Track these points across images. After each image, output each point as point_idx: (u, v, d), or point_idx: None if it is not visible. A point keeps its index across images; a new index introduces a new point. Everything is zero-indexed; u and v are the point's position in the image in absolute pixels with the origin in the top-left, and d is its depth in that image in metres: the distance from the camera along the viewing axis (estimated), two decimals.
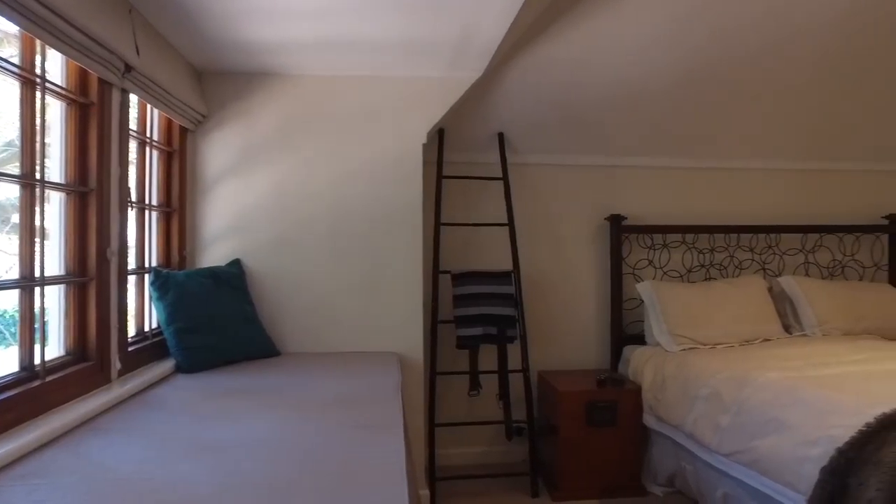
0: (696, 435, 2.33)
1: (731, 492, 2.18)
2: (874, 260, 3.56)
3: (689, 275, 3.33)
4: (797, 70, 2.98)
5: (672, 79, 2.90)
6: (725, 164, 3.40)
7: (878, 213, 3.58)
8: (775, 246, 3.45)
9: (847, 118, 3.30)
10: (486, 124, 3.06)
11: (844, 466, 1.54)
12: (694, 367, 2.54)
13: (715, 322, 2.95)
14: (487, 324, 2.84)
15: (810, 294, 3.15)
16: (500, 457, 3.19)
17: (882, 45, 2.93)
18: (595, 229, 3.28)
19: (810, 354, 2.54)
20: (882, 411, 1.62)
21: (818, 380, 2.10)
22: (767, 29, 2.74)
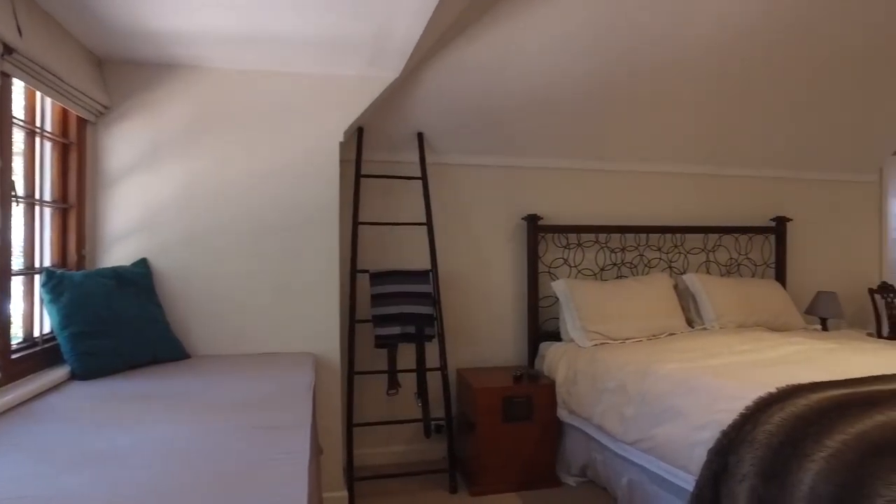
0: (604, 426, 2.44)
1: (636, 478, 2.30)
2: (764, 258, 3.86)
3: (602, 273, 3.48)
4: (695, 83, 3.19)
5: (584, 86, 3.04)
6: (635, 168, 3.58)
7: (767, 215, 3.89)
8: (680, 245, 3.67)
9: (739, 128, 3.57)
10: (405, 124, 3.07)
11: (726, 446, 1.66)
12: (603, 361, 2.66)
13: (625, 318, 3.10)
14: (405, 323, 2.85)
15: (710, 290, 3.37)
16: (420, 455, 3.21)
17: (769, 63, 3.20)
18: (512, 229, 3.37)
19: (707, 346, 2.72)
20: (759, 395, 1.77)
21: (711, 369, 2.25)
22: (668, 45, 2.93)
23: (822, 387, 1.79)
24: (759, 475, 1.54)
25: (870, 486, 1.28)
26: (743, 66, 3.20)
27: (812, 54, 3.23)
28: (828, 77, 3.40)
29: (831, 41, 3.17)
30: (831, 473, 1.36)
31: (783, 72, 3.29)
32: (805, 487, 1.40)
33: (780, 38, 3.08)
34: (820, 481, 1.37)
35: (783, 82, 3.36)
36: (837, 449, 1.40)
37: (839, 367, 2.18)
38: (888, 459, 1.31)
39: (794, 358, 2.41)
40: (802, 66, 3.29)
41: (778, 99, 3.46)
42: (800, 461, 1.46)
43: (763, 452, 1.55)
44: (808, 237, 4.08)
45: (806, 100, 3.52)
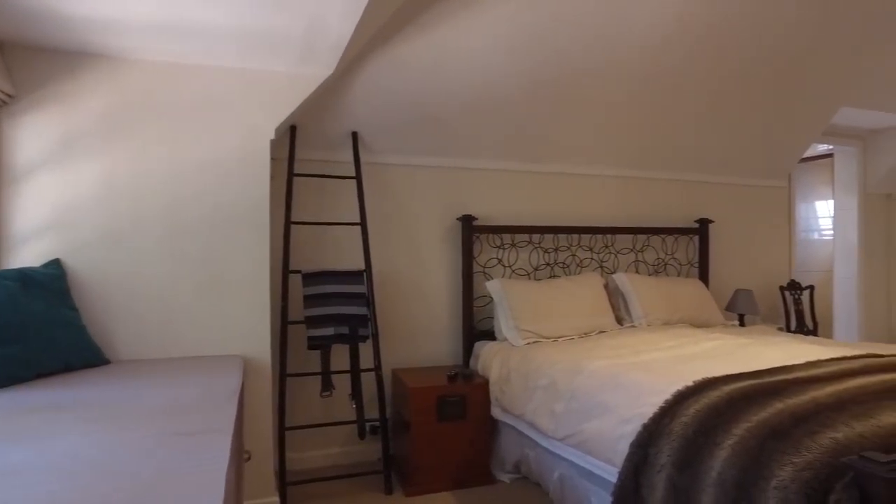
0: (536, 423, 2.49)
1: (566, 472, 2.36)
2: (688, 258, 4.05)
3: (536, 273, 3.56)
4: (625, 88, 3.32)
5: (518, 88, 3.09)
6: (568, 170, 3.68)
7: (691, 217, 4.09)
8: (611, 246, 3.79)
9: (666, 134, 3.73)
10: (340, 122, 3.03)
11: (646, 439, 1.73)
12: (535, 359, 2.71)
13: (557, 317, 3.17)
14: (339, 323, 2.81)
15: (638, 289, 3.51)
16: (356, 457, 3.18)
17: (689, 74, 3.37)
18: (447, 229, 3.38)
19: (634, 343, 2.82)
20: (678, 389, 1.85)
21: (637, 365, 2.34)
22: (600, 50, 3.03)
23: (733, 379, 1.89)
24: (674, 465, 1.61)
25: (767, 467, 1.36)
26: (667, 75, 3.36)
27: (727, 68, 3.43)
28: (742, 91, 3.62)
29: (744, 58, 3.38)
30: (735, 459, 1.44)
31: (702, 83, 3.48)
32: (714, 474, 1.48)
33: (696, 52, 3.26)
34: (726, 467, 1.45)
35: (704, 93, 3.55)
36: (742, 436, 1.49)
37: (751, 360, 2.31)
38: (782, 442, 1.40)
39: (713, 353, 2.53)
40: (719, 78, 3.49)
41: (700, 108, 3.64)
42: (710, 449, 1.53)
43: (679, 443, 1.63)
44: (727, 238, 4.31)
45: (725, 110, 3.72)
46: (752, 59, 3.43)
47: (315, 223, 3.03)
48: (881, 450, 1.34)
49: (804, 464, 1.32)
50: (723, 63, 3.40)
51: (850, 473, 1.24)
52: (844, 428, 1.45)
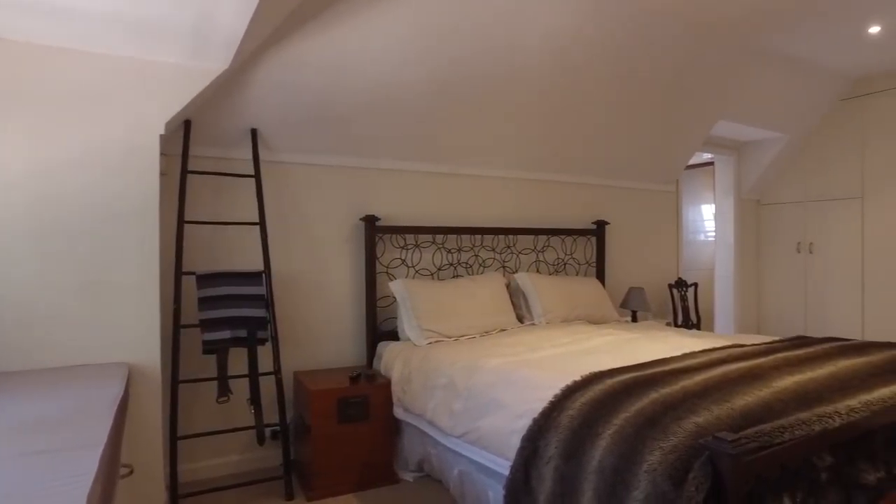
0: (436, 421, 2.52)
1: (465, 469, 2.41)
2: (586, 258, 4.26)
3: (439, 273, 3.60)
4: (527, 93, 3.45)
5: (423, 90, 3.13)
6: (471, 172, 3.76)
7: (589, 218, 4.30)
8: (513, 246, 3.92)
9: (566, 139, 3.91)
10: (238, 119, 2.93)
11: (536, 432, 1.81)
12: (436, 358, 2.75)
13: (459, 316, 3.23)
14: (236, 326, 2.72)
15: (539, 288, 3.64)
16: (256, 463, 3.08)
17: (590, 83, 3.56)
18: (350, 229, 3.36)
19: (532, 340, 2.93)
20: (567, 383, 1.94)
21: (532, 362, 2.43)
22: (501, 56, 3.13)
23: (618, 372, 2.02)
24: (561, 456, 1.69)
25: (640, 453, 1.47)
26: (565, 85, 3.53)
27: (619, 81, 3.66)
28: (633, 102, 3.87)
29: (633, 72, 3.62)
30: (614, 447, 1.54)
31: (597, 94, 3.69)
32: (595, 462, 1.57)
33: (591, 65, 3.46)
34: (606, 455, 1.55)
35: (599, 103, 3.76)
36: (620, 426, 1.59)
37: (636, 354, 2.48)
38: (654, 429, 1.52)
39: (604, 348, 2.69)
40: (612, 90, 3.71)
41: (596, 116, 3.85)
42: (592, 440, 1.63)
43: (565, 435, 1.71)
44: (622, 239, 4.57)
45: (618, 119, 3.96)
46: (641, 73, 3.69)
47: (211, 223, 2.91)
48: (733, 430, 1.48)
49: (670, 447, 1.44)
50: (615, 76, 3.62)
51: (706, 453, 1.36)
52: (706, 412, 1.59)
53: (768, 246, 5.65)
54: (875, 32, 3.88)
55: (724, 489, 1.34)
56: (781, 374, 2.00)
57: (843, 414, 1.66)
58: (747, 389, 1.79)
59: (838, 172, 5.13)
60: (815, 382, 1.90)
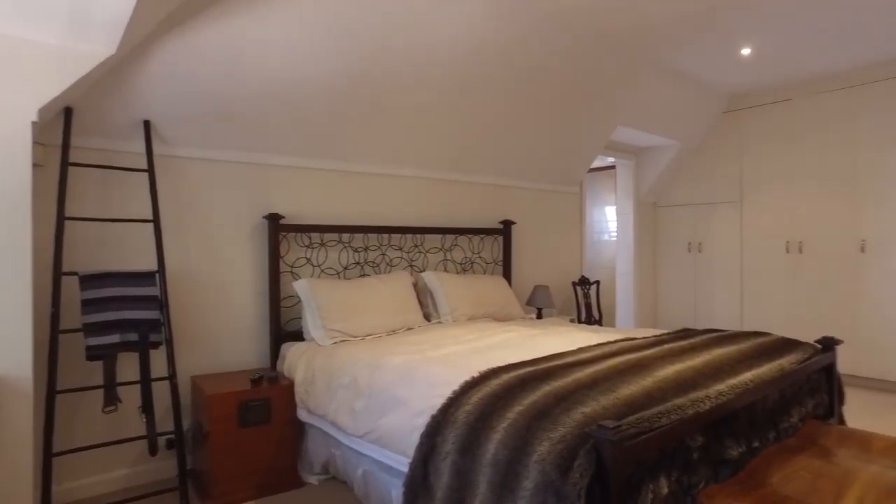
0: (338, 421, 2.49)
1: (369, 468, 2.39)
2: (493, 257, 4.36)
3: (346, 272, 3.56)
4: (435, 94, 3.48)
5: (327, 87, 3.08)
6: (379, 171, 3.74)
7: (496, 218, 4.41)
8: (420, 245, 3.94)
9: (474, 140, 3.98)
10: (129, 109, 2.74)
11: (434, 428, 1.83)
12: (340, 358, 2.71)
13: (366, 315, 3.21)
14: (126, 330, 2.55)
15: (446, 286, 3.69)
16: (149, 476, 2.90)
17: (496, 86, 3.65)
18: (253, 228, 3.24)
19: (437, 338, 2.96)
20: (465, 379, 1.98)
21: (434, 359, 2.45)
22: (409, 56, 3.15)
23: (515, 367, 2.08)
24: (458, 450, 1.72)
25: (530, 444, 1.52)
26: (473, 87, 3.60)
27: (524, 85, 3.78)
28: (538, 106, 4.01)
29: (537, 78, 3.75)
30: (507, 440, 1.59)
31: (504, 97, 3.79)
32: (489, 455, 1.61)
33: (497, 69, 3.55)
34: (499, 448, 1.59)
35: (506, 105, 3.86)
36: (514, 419, 1.64)
37: (536, 349, 2.57)
38: (544, 421, 1.58)
39: (505, 344, 2.76)
40: (518, 94, 3.83)
41: (503, 118, 3.95)
42: (487, 433, 1.67)
43: (461, 430, 1.74)
44: (529, 238, 4.72)
45: (524, 122, 4.08)
46: (544, 79, 3.83)
47: (97, 219, 2.71)
48: (617, 418, 1.57)
49: (559, 437, 1.50)
50: (519, 80, 3.73)
51: (591, 441, 1.44)
52: (593, 403, 1.67)
53: (664, 245, 6.03)
54: (746, 54, 4.25)
55: (607, 474, 1.41)
56: (664, 364, 2.14)
57: (712, 398, 1.80)
58: (633, 379, 1.91)
59: (722, 178, 5.58)
60: (691, 370, 2.05)
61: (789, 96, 5.10)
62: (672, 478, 1.64)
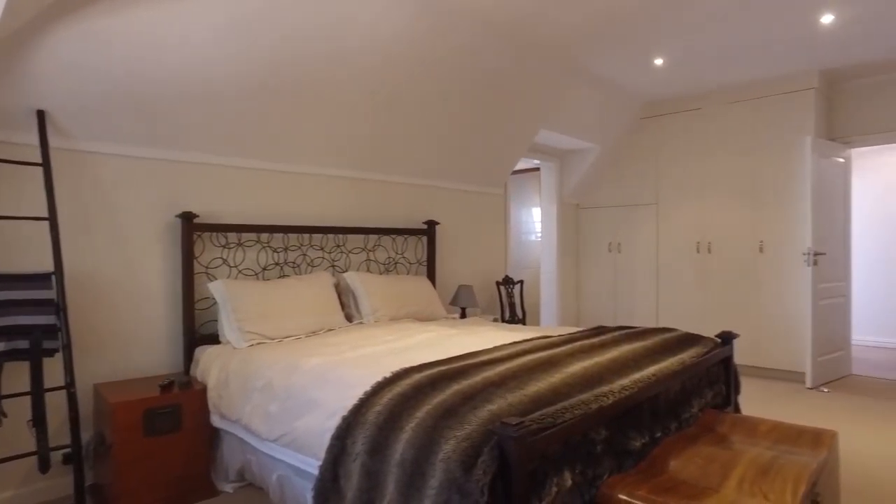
0: (251, 426, 2.42)
1: (284, 473, 2.34)
2: (417, 257, 4.37)
3: (265, 273, 3.47)
4: (358, 93, 3.46)
5: (244, 82, 2.99)
6: (299, 169, 3.66)
7: (420, 218, 4.42)
8: (343, 245, 3.89)
9: (398, 140, 3.98)
10: (20, 97, 2.55)
11: (345, 430, 1.81)
12: (255, 360, 2.64)
13: (284, 316, 3.14)
14: (14, 336, 2.37)
15: (368, 287, 3.66)
16: (40, 495, 2.70)
17: (420, 87, 3.65)
18: (164, 227, 3.09)
19: (356, 339, 2.93)
20: (377, 380, 1.97)
21: (351, 360, 2.43)
22: (326, 52, 3.10)
23: (428, 367, 2.09)
24: (368, 452, 1.71)
25: (437, 443, 1.54)
26: (396, 87, 3.60)
27: (448, 87, 3.81)
28: (462, 107, 4.05)
29: (460, 80, 3.79)
30: (414, 439, 1.59)
31: (428, 97, 3.80)
32: (398, 455, 1.61)
33: (421, 69, 3.56)
34: (407, 448, 1.59)
35: (430, 106, 3.88)
36: (422, 418, 1.65)
37: (452, 348, 2.59)
38: (451, 419, 1.60)
39: (423, 344, 2.77)
40: (441, 95, 3.86)
41: (427, 119, 3.96)
42: (396, 434, 1.67)
43: (371, 431, 1.73)
44: (453, 239, 4.76)
45: (449, 123, 4.11)
46: (467, 81, 3.88)
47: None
48: (523, 415, 1.61)
49: (464, 436, 1.52)
50: (441, 81, 3.76)
51: (495, 438, 1.47)
52: (500, 400, 1.70)
53: (586, 245, 6.25)
54: (659, 64, 4.48)
55: (510, 469, 1.45)
56: (573, 360, 2.22)
57: (616, 392, 1.88)
58: (541, 377, 1.96)
59: (639, 182, 5.84)
60: (598, 366, 2.13)
61: (699, 106, 5.41)
62: (576, 470, 1.70)
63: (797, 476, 1.81)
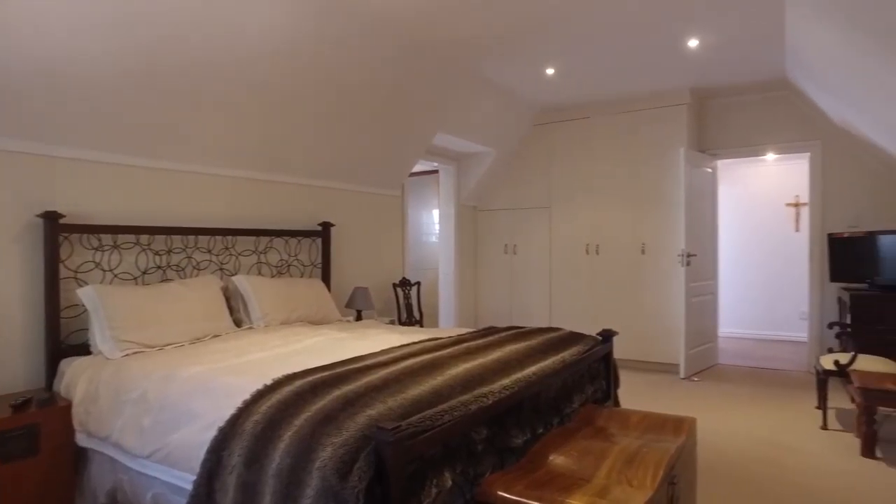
0: (122, 442, 2.26)
1: (159, 491, 2.20)
2: (311, 259, 4.28)
3: (145, 277, 3.25)
4: (246, 89, 3.33)
5: (117, 70, 2.79)
6: (184, 167, 3.46)
7: (315, 220, 4.33)
8: (232, 248, 3.73)
9: (291, 139, 3.88)
10: None
11: (221, 442, 1.74)
12: (130, 371, 2.46)
13: (166, 323, 2.96)
14: None
15: (258, 291, 3.53)
16: None
17: (313, 85, 3.58)
18: (22, 227, 2.80)
19: (243, 345, 2.82)
20: (257, 388, 1.92)
21: (234, 367, 2.33)
22: (211, 44, 2.96)
23: (311, 372, 2.06)
24: (244, 463, 1.65)
25: (314, 451, 1.52)
26: (288, 85, 3.51)
27: (344, 87, 3.77)
28: (358, 108, 4.02)
29: (356, 80, 3.77)
30: (291, 448, 1.56)
31: (323, 96, 3.74)
32: (275, 465, 1.57)
33: (313, 67, 3.50)
34: (284, 456, 1.56)
35: (325, 105, 3.82)
36: (300, 426, 1.62)
37: (340, 352, 2.56)
38: (329, 426, 1.59)
39: (312, 349, 2.71)
40: (337, 95, 3.81)
41: (322, 119, 3.90)
42: (274, 443, 1.63)
43: (248, 441, 1.68)
44: (349, 240, 4.71)
45: (344, 124, 4.07)
46: (362, 81, 3.85)
47: None
48: (403, 418, 1.62)
49: (341, 442, 1.51)
50: (339, 82, 3.72)
51: (372, 443, 1.47)
52: (380, 405, 1.71)
53: (483, 247, 6.41)
54: (551, 74, 4.69)
55: (388, 474, 1.45)
56: (458, 362, 2.27)
57: (496, 392, 1.94)
58: (424, 379, 1.99)
59: (534, 185, 6.08)
60: (481, 367, 2.20)
61: (587, 115, 5.72)
62: (457, 470, 1.74)
63: (657, 462, 1.96)
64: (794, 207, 7.01)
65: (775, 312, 7.09)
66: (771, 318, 7.12)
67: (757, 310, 7.21)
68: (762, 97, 5.34)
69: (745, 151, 5.54)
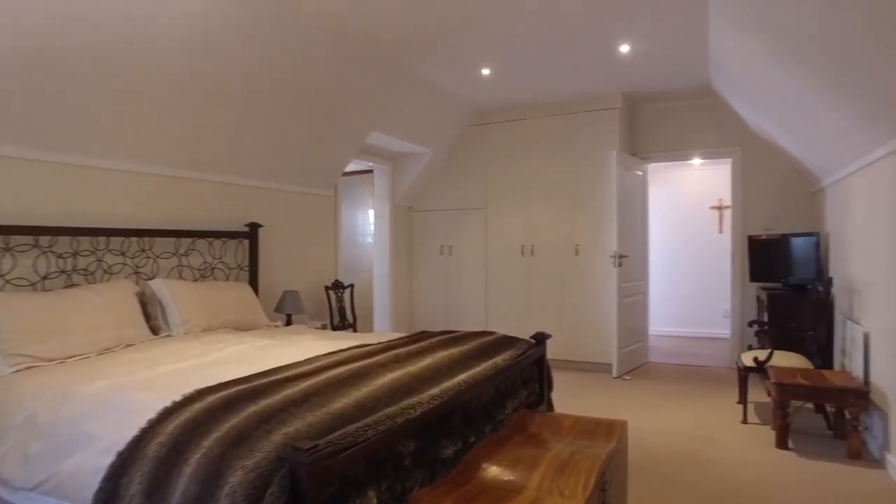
0: (4, 472, 2.00)
1: None
2: (238, 262, 4.07)
3: (46, 282, 2.96)
4: (165, 81, 3.12)
5: (15, 51, 2.51)
6: (93, 163, 3.19)
7: (241, 221, 4.12)
8: (149, 250, 3.47)
9: (215, 136, 3.66)
10: None
11: (119, 469, 1.57)
12: (18, 389, 2.21)
13: (68, 333, 2.70)
14: None
15: (177, 295, 3.30)
16: None
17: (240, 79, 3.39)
18: None
19: (158, 355, 2.61)
20: (165, 405, 1.75)
21: (143, 381, 2.14)
22: (126, 35, 2.73)
23: (225, 386, 1.90)
24: (145, 492, 1.50)
25: (223, 475, 1.38)
26: (213, 77, 3.30)
27: (272, 83, 3.59)
28: (288, 106, 3.85)
29: (286, 78, 3.60)
30: (198, 473, 1.42)
31: (250, 92, 3.55)
32: (179, 494, 1.43)
33: (240, 59, 3.31)
34: (190, 483, 1.42)
35: (252, 101, 3.63)
36: (209, 447, 1.48)
37: (263, 362, 2.41)
38: (240, 447, 1.45)
39: (233, 358, 2.54)
40: (265, 90, 3.63)
41: (249, 116, 3.71)
42: (180, 468, 1.48)
43: (151, 467, 1.52)
44: (278, 242, 4.51)
45: (272, 121, 3.89)
46: (291, 78, 3.69)
47: None
48: (325, 434, 1.51)
49: (253, 465, 1.38)
50: (268, 77, 3.55)
51: (286, 465, 1.35)
52: (299, 421, 1.59)
53: (418, 248, 6.32)
54: (486, 74, 4.66)
55: (304, 498, 1.34)
56: (385, 371, 2.17)
57: (425, 402, 1.86)
58: (348, 391, 1.88)
59: (470, 186, 6.05)
60: (410, 376, 2.11)
61: (523, 116, 5.74)
62: (382, 488, 1.65)
63: (588, 469, 1.93)
64: (718, 210, 7.31)
65: (701, 311, 7.38)
66: (697, 316, 7.41)
67: (684, 308, 7.48)
68: (689, 104, 5.52)
69: (674, 156, 5.72)
